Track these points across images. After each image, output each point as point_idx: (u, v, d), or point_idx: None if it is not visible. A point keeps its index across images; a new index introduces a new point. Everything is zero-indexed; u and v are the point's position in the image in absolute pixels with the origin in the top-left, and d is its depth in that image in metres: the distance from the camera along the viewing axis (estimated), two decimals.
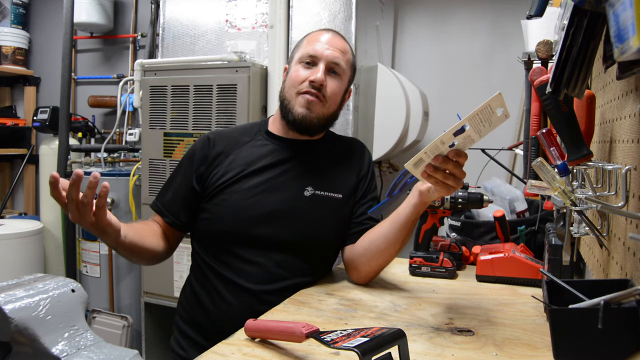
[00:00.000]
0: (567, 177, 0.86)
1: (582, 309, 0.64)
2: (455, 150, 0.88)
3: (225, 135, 1.24)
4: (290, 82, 1.18)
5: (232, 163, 1.18)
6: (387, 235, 1.12)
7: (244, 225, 1.13)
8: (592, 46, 0.66)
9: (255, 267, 1.14)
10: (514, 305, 1.07)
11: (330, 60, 1.16)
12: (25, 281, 0.78)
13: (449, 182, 0.91)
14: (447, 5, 2.54)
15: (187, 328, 1.19)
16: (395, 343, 0.71)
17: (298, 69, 1.17)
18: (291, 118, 1.17)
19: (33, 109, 3.16)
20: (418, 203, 1.06)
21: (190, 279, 1.23)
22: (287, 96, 1.18)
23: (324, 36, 1.19)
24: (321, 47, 1.16)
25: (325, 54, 1.16)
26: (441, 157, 0.88)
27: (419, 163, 0.90)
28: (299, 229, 1.17)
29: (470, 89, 2.49)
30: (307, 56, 1.17)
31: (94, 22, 3.02)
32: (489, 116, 0.83)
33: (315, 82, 1.14)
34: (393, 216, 1.13)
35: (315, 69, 1.15)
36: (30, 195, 3.45)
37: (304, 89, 1.15)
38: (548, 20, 1.18)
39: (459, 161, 0.90)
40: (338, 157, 1.27)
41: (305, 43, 1.20)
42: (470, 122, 0.83)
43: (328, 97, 1.17)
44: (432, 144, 0.87)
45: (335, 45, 1.18)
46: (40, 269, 2.74)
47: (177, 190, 1.20)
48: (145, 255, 1.12)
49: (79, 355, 0.71)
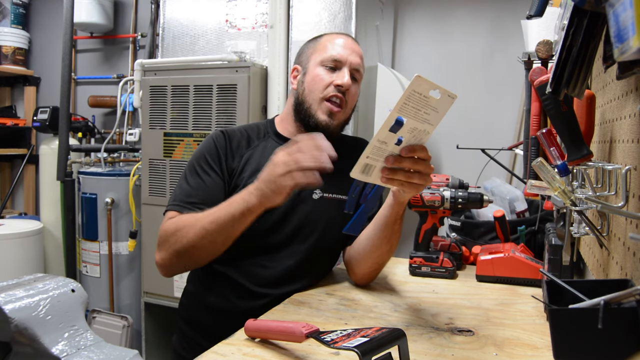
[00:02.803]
0: (567, 177, 0.86)
1: (582, 309, 0.64)
2: (407, 147, 0.82)
3: (237, 133, 1.21)
4: (314, 85, 1.15)
5: (246, 163, 1.16)
6: (371, 237, 1.12)
7: (252, 230, 1.12)
8: (592, 46, 0.66)
9: (262, 270, 1.13)
10: (514, 305, 1.07)
11: (354, 66, 1.16)
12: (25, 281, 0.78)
13: (414, 180, 0.86)
14: (447, 5, 2.54)
15: (189, 329, 1.19)
16: (395, 343, 0.71)
17: (320, 72, 1.16)
18: (312, 124, 1.16)
19: (33, 109, 3.15)
20: (394, 203, 1.03)
21: (193, 280, 1.23)
22: (309, 100, 1.16)
23: (345, 40, 1.19)
24: (345, 51, 1.16)
25: (350, 59, 1.16)
26: (392, 157, 0.83)
27: (367, 169, 0.84)
28: (307, 233, 1.16)
29: (470, 89, 2.49)
30: (330, 60, 1.15)
31: (94, 22, 3.02)
32: (424, 101, 0.75)
33: (343, 87, 1.14)
34: (375, 218, 1.11)
35: (340, 73, 1.15)
36: (30, 195, 3.45)
37: (330, 93, 1.14)
38: (548, 20, 1.18)
39: (418, 156, 0.84)
40: (345, 158, 1.26)
41: (326, 46, 1.18)
42: (402, 112, 0.76)
43: (349, 101, 1.18)
44: (370, 144, 0.80)
45: (356, 51, 1.18)
46: (40, 269, 2.74)
47: (210, 182, 1.12)
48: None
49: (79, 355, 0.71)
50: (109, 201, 2.46)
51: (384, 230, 1.08)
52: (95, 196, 2.50)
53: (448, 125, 2.51)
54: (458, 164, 2.41)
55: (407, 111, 0.77)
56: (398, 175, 0.85)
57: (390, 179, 0.86)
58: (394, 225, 1.06)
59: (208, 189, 1.11)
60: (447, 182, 1.31)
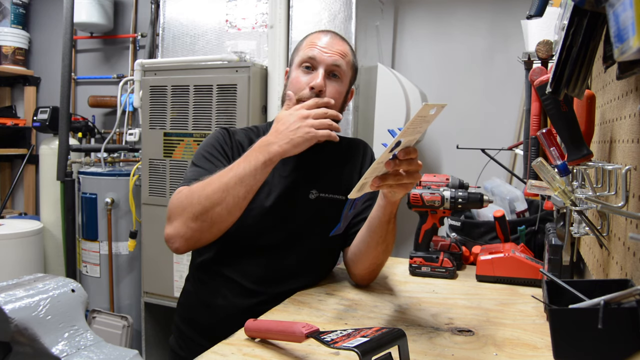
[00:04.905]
0: (567, 177, 0.86)
1: (582, 309, 0.64)
2: (404, 150, 0.84)
3: (239, 133, 1.22)
4: (292, 88, 1.16)
5: None
6: (365, 239, 1.12)
7: (250, 229, 1.12)
8: (592, 46, 0.66)
9: (259, 269, 1.14)
10: (514, 305, 1.07)
11: (330, 63, 1.14)
12: (25, 281, 0.78)
13: (405, 180, 0.87)
14: (447, 5, 2.54)
15: (186, 328, 1.19)
16: (395, 343, 0.71)
17: (298, 74, 1.15)
18: None
19: (33, 109, 3.15)
20: (386, 204, 1.02)
21: (191, 279, 1.23)
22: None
23: (323, 39, 1.17)
24: (320, 50, 1.14)
25: (324, 57, 1.14)
26: (391, 162, 0.84)
27: (362, 187, 0.86)
28: (304, 232, 1.17)
29: (470, 89, 2.49)
30: (306, 59, 1.15)
31: (94, 22, 3.02)
32: (422, 119, 0.79)
33: (315, 88, 1.12)
34: (368, 220, 1.11)
35: (315, 74, 1.13)
36: (30, 195, 3.45)
37: (305, 96, 1.12)
38: (548, 20, 1.18)
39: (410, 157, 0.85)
40: (341, 157, 1.27)
41: (304, 45, 1.18)
42: (404, 135, 0.79)
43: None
44: (371, 168, 0.83)
45: (334, 48, 1.16)
46: (40, 269, 2.74)
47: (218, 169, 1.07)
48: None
49: (79, 355, 0.71)
50: (109, 201, 2.46)
51: (378, 231, 1.08)
52: (95, 196, 2.50)
53: (448, 125, 2.52)
54: (458, 164, 2.41)
55: (408, 132, 0.79)
56: (388, 180, 0.87)
57: (380, 185, 0.87)
58: (387, 225, 1.06)
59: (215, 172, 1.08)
60: (447, 182, 1.31)
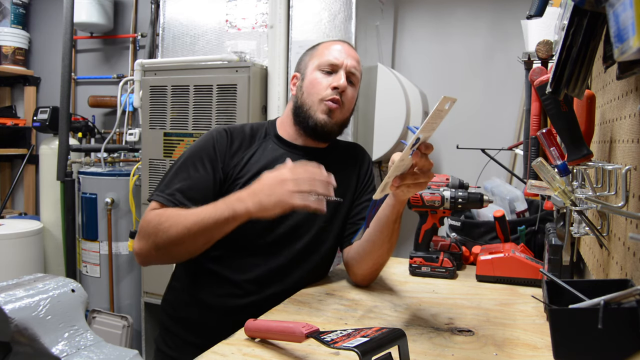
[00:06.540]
0: (567, 177, 0.86)
1: (582, 309, 0.64)
2: (424, 144, 0.86)
3: (239, 132, 1.22)
4: (312, 88, 1.19)
5: (247, 164, 1.17)
6: (371, 238, 1.13)
7: (249, 231, 1.12)
8: (592, 46, 0.66)
9: (253, 268, 1.14)
10: (514, 305, 1.07)
11: (350, 69, 1.20)
12: (25, 281, 0.78)
13: (421, 179, 0.90)
14: (447, 5, 2.54)
15: (173, 324, 1.19)
16: (395, 343, 0.71)
17: (316, 76, 1.20)
18: (312, 124, 1.19)
19: (33, 109, 3.15)
20: (395, 203, 1.05)
21: (179, 276, 1.23)
22: (307, 102, 1.20)
23: (342, 46, 1.23)
24: (341, 56, 1.20)
25: (346, 62, 1.20)
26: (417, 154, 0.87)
27: (385, 187, 0.89)
28: (301, 234, 1.17)
29: (470, 89, 2.49)
30: (327, 64, 1.20)
31: (94, 22, 3.02)
32: (439, 114, 0.81)
33: (339, 88, 1.17)
34: (375, 218, 1.12)
35: (337, 76, 1.19)
36: (30, 195, 3.45)
37: (328, 96, 1.17)
38: (548, 20, 1.18)
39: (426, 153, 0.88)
40: (340, 161, 1.28)
41: (323, 52, 1.23)
42: (423, 131, 0.82)
43: (347, 103, 1.21)
44: (394, 167, 0.86)
45: (352, 56, 1.22)
46: (40, 269, 2.74)
47: (199, 180, 1.12)
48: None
49: (79, 355, 0.71)
50: (109, 201, 2.46)
51: (384, 230, 1.09)
52: (95, 196, 2.50)
53: (448, 125, 2.52)
54: (458, 164, 2.41)
55: (427, 128, 0.81)
56: (407, 179, 0.89)
57: (400, 185, 0.89)
58: (394, 224, 1.08)
59: (195, 186, 1.11)
60: (447, 182, 1.31)
